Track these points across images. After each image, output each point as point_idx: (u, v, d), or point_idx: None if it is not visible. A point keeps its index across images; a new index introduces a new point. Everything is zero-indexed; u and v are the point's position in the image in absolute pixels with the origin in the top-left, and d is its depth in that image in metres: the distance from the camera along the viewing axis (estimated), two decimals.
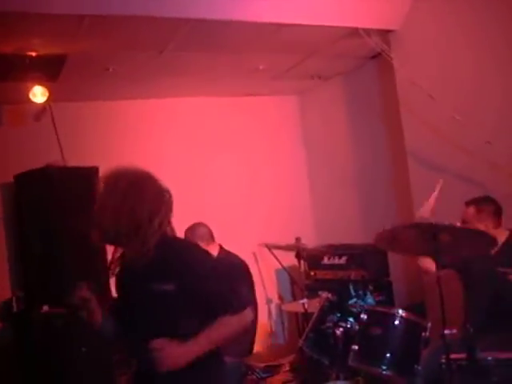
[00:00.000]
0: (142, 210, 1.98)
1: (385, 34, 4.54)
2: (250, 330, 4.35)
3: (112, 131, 5.43)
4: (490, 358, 2.74)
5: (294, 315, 5.18)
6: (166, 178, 5.56)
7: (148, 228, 1.97)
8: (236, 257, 4.45)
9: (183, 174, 5.62)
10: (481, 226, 3.41)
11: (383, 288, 4.91)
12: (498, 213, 3.45)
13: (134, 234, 1.98)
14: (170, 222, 2.12)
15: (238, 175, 5.98)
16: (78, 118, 5.28)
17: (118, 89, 5.20)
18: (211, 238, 4.39)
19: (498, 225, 3.45)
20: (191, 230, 4.32)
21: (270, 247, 5.21)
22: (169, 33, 3.99)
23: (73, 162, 4.96)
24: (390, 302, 4.86)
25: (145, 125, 5.62)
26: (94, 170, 4.59)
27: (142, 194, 2.02)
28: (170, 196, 2.13)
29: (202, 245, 4.25)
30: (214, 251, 4.36)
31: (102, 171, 2.19)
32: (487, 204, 3.47)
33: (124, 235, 1.99)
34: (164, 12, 3.60)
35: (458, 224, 3.18)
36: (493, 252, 3.44)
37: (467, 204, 3.51)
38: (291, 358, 4.58)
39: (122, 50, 4.25)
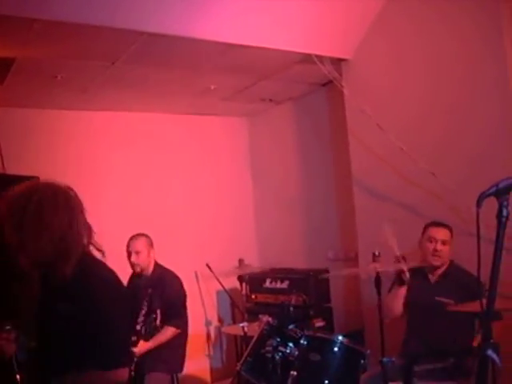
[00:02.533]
0: (60, 225, 1.90)
1: (337, 62, 4.61)
2: (180, 345, 4.29)
3: (57, 141, 5.28)
4: None
5: (234, 338, 5.12)
6: (109, 194, 5.50)
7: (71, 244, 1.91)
8: (172, 272, 4.43)
9: (127, 190, 5.54)
10: (452, 249, 3.45)
11: (324, 314, 4.92)
12: None
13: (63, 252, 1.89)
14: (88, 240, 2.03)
15: (183, 194, 5.91)
16: (22, 125, 5.09)
17: (66, 98, 5.06)
18: (152, 248, 4.41)
19: None
20: (133, 238, 4.34)
21: (211, 268, 5.15)
22: (121, 44, 3.92)
23: (13, 169, 4.78)
24: (331, 328, 4.87)
25: (91, 137, 5.49)
26: (35, 180, 4.44)
27: (56, 211, 1.92)
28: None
29: (143, 255, 4.24)
30: (152, 263, 4.39)
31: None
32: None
33: (52, 255, 1.90)
34: (117, 23, 3.54)
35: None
36: (432, 281, 3.51)
37: (441, 225, 3.50)
38: (228, 381, 4.51)
39: (73, 59, 4.13)
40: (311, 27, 4.23)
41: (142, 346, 3.96)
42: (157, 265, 4.42)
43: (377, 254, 3.14)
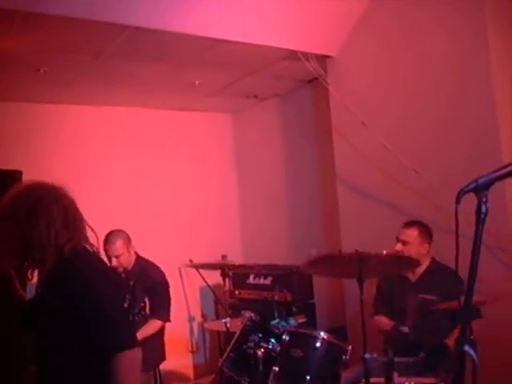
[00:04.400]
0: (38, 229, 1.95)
1: (322, 59, 4.61)
2: (160, 338, 4.29)
3: (40, 135, 5.24)
4: (407, 383, 2.78)
5: (217, 334, 5.12)
6: (93, 189, 5.46)
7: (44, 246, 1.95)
8: (154, 264, 4.41)
9: (110, 184, 5.50)
10: (421, 249, 3.48)
11: (307, 310, 4.92)
12: (431, 239, 3.54)
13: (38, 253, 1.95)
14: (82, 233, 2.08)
15: (167, 189, 5.89)
16: (4, 119, 5.04)
17: (49, 92, 5.02)
18: (130, 243, 4.33)
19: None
20: (109, 236, 4.24)
21: (195, 264, 5.13)
22: (106, 38, 3.90)
23: None
24: (313, 324, 4.89)
25: (75, 131, 5.45)
26: (18, 174, 4.41)
27: (36, 217, 1.97)
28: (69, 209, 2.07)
29: (121, 251, 4.20)
30: (132, 257, 4.34)
31: (26, 176, 2.14)
32: (427, 228, 3.54)
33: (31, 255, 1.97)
34: (101, 16, 3.51)
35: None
36: (414, 279, 3.53)
37: (409, 225, 3.54)
38: (211, 377, 4.51)
39: (56, 52, 4.10)
40: (297, 24, 4.24)
41: None
42: (138, 258, 4.39)
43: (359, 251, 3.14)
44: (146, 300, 4.20)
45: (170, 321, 4.34)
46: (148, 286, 4.23)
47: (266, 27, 4.14)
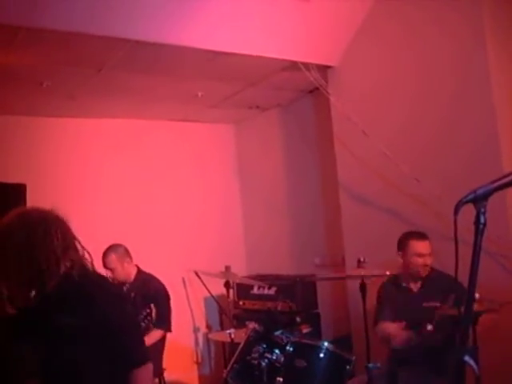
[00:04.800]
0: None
1: (323, 69, 4.63)
2: (156, 353, 4.30)
3: (44, 148, 5.27)
4: None
5: (221, 345, 5.12)
6: (97, 201, 5.48)
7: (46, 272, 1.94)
8: (154, 277, 4.44)
9: (115, 197, 5.53)
10: (432, 260, 3.48)
11: (311, 320, 4.92)
12: None
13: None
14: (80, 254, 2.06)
15: (170, 200, 5.91)
16: (8, 132, 5.07)
17: (52, 105, 5.05)
18: (129, 256, 4.40)
19: None
20: (108, 250, 4.30)
21: (199, 274, 5.14)
22: (108, 52, 3.93)
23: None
24: (318, 334, 4.88)
25: (78, 144, 5.48)
26: (22, 188, 4.44)
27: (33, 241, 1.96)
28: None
29: (120, 265, 4.24)
30: (132, 270, 4.40)
31: (30, 189, 2.13)
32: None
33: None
34: (102, 31, 3.54)
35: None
36: (416, 288, 3.53)
37: (424, 236, 3.52)
38: None
39: (58, 66, 4.13)
40: (297, 34, 4.26)
41: None
42: (139, 272, 4.44)
43: (362, 259, 3.16)
44: (152, 306, 4.24)
45: (171, 331, 4.36)
46: (149, 297, 4.28)
47: (266, 38, 4.16)
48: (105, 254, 4.28)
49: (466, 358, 1.26)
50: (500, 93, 3.59)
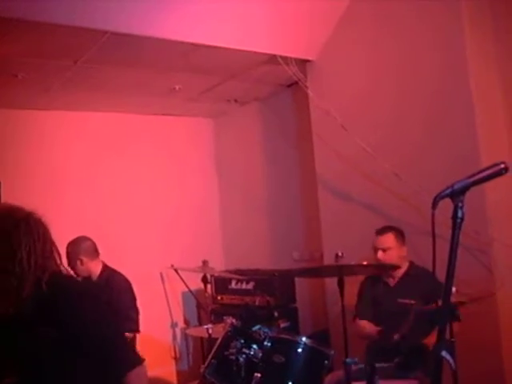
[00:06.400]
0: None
1: (302, 63, 4.62)
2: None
3: (18, 142, 5.18)
4: None
5: (200, 340, 5.09)
6: (71, 195, 5.40)
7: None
8: (120, 275, 4.26)
9: (90, 191, 5.47)
10: (401, 252, 3.50)
11: (289, 314, 4.92)
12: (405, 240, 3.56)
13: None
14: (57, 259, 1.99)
15: (147, 194, 5.86)
16: None
17: (27, 98, 4.97)
18: (95, 252, 4.23)
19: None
20: (74, 243, 4.14)
21: (176, 269, 5.11)
22: (83, 44, 3.86)
23: None
24: (296, 329, 4.88)
25: (53, 137, 5.40)
26: None
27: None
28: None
29: (85, 260, 4.12)
30: (98, 267, 4.23)
31: (4, 186, 2.06)
32: (400, 231, 3.58)
33: None
34: (78, 22, 3.48)
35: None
36: (393, 283, 3.55)
37: (383, 231, 3.56)
38: None
39: (33, 58, 4.05)
40: (276, 28, 4.24)
41: None
42: (104, 269, 4.25)
43: (340, 254, 3.16)
44: None
45: (139, 332, 4.24)
46: (113, 301, 4.02)
47: (245, 32, 4.14)
48: (75, 241, 4.13)
49: (443, 353, 1.26)
50: (478, 89, 3.61)
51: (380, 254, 3.48)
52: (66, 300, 1.90)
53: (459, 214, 1.42)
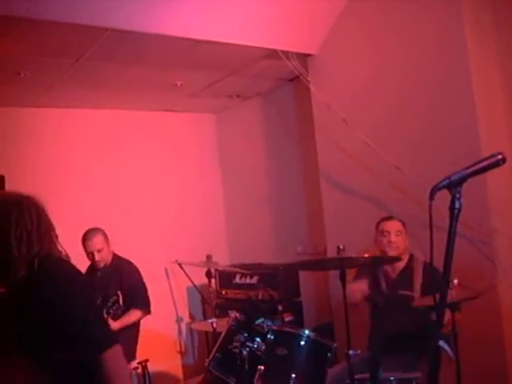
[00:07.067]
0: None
1: (303, 57, 4.62)
2: (133, 334, 4.30)
3: (22, 139, 5.21)
4: (392, 378, 2.81)
5: (205, 334, 5.12)
6: (76, 192, 5.43)
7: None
8: (129, 263, 4.46)
9: (94, 186, 5.50)
10: (407, 241, 3.51)
11: (293, 308, 4.93)
12: None
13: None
14: (52, 242, 2.04)
15: (151, 190, 5.88)
16: None
17: (30, 95, 4.98)
18: (108, 239, 4.41)
19: None
20: (88, 232, 4.32)
21: (181, 264, 5.13)
22: (85, 41, 3.87)
23: None
24: (300, 322, 4.90)
25: (57, 134, 5.43)
26: (0, 179, 4.40)
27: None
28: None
29: (106, 246, 4.29)
30: (110, 255, 4.42)
31: (8, 180, 2.09)
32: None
33: None
34: (81, 19, 3.49)
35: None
36: (394, 274, 3.56)
37: (390, 218, 3.58)
38: (200, 377, 4.52)
39: (35, 56, 4.07)
40: (277, 23, 4.24)
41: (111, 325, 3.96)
42: (115, 256, 4.46)
43: (341, 247, 3.17)
44: (119, 293, 4.24)
45: (150, 312, 4.36)
46: (123, 281, 4.30)
47: (245, 27, 4.14)
48: (91, 236, 4.29)
49: (441, 342, 1.27)
50: (479, 82, 3.61)
51: (393, 236, 3.47)
52: (50, 281, 1.94)
53: (456, 205, 1.43)
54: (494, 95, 3.71)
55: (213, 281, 5.28)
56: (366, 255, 3.04)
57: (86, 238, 4.28)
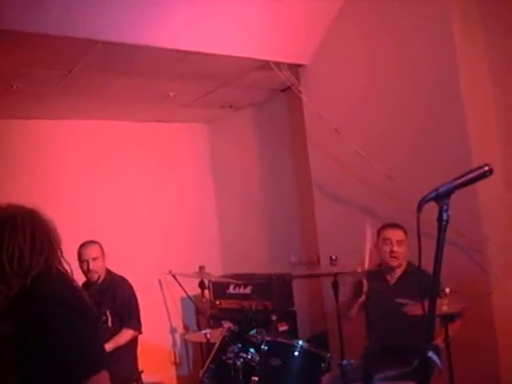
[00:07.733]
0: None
1: (295, 68, 4.65)
2: (129, 356, 4.27)
3: (14, 151, 5.20)
4: None
5: (199, 345, 5.10)
6: (68, 202, 5.41)
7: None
8: (122, 280, 4.41)
9: (86, 198, 5.48)
10: (408, 250, 3.54)
11: (288, 318, 4.94)
12: None
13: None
14: (51, 257, 1.99)
15: (144, 201, 5.88)
16: None
17: (23, 107, 4.99)
18: (104, 252, 4.37)
19: None
20: (85, 242, 4.30)
21: (174, 275, 5.13)
22: (77, 53, 3.89)
23: None
24: (295, 332, 4.90)
25: (50, 146, 5.42)
26: None
27: None
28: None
29: (101, 256, 4.26)
30: (104, 269, 4.37)
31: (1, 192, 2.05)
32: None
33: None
34: (72, 32, 3.51)
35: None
36: (391, 283, 3.57)
37: (394, 225, 3.59)
38: None
39: (27, 68, 4.08)
40: (268, 34, 4.27)
41: None
42: (108, 272, 4.40)
43: (334, 257, 3.18)
44: (108, 313, 4.20)
45: (141, 332, 4.32)
46: (117, 297, 4.25)
47: (237, 38, 4.16)
48: (87, 245, 4.28)
49: (430, 353, 1.28)
50: (471, 94, 3.64)
51: (395, 246, 3.48)
52: (39, 301, 1.88)
53: (444, 217, 1.45)
54: (484, 103, 3.77)
55: (206, 291, 5.27)
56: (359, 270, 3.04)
57: (82, 246, 4.27)
